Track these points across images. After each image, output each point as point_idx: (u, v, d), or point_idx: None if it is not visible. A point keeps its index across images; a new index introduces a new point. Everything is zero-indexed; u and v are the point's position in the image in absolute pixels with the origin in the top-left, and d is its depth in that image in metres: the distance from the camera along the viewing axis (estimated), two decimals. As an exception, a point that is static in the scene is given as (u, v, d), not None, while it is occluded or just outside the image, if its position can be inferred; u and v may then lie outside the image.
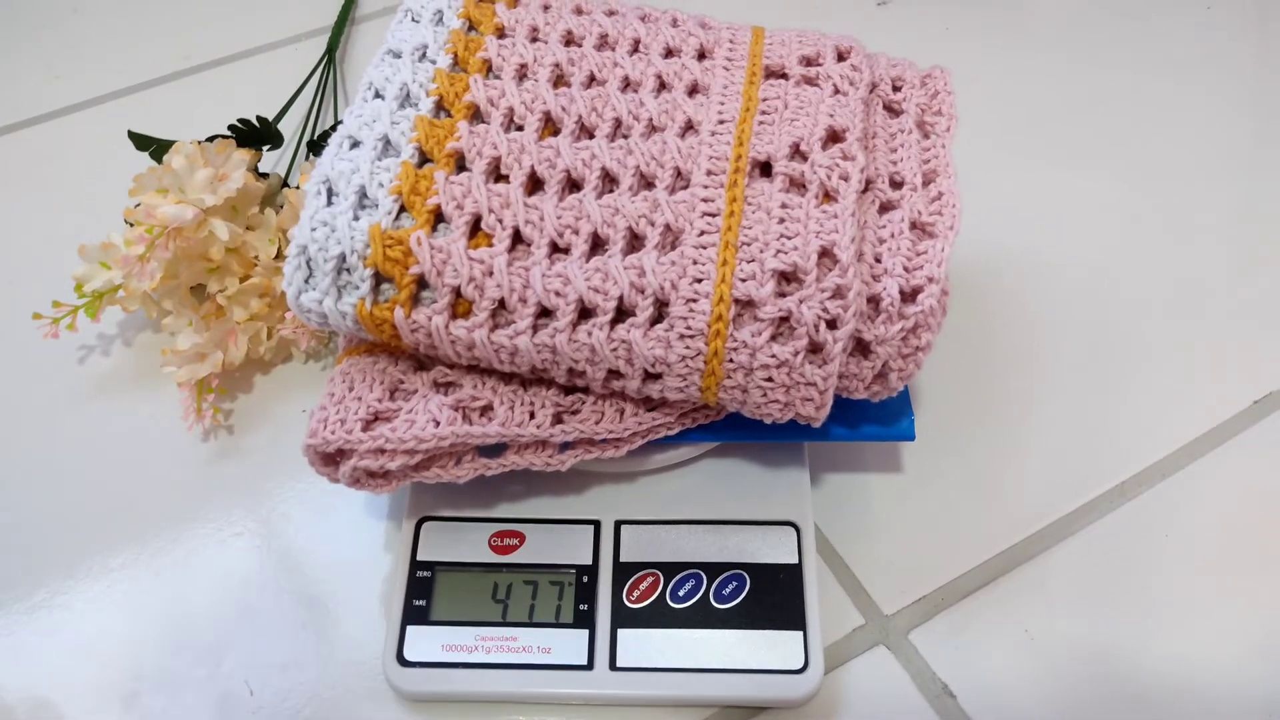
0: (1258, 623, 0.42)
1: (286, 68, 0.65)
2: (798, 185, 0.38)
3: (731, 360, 0.36)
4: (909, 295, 0.36)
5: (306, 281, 0.37)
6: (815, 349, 0.36)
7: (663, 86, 0.42)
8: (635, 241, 0.37)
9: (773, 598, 0.40)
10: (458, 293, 0.36)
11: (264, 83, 0.64)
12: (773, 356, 0.36)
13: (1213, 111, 0.62)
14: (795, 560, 0.41)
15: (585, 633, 0.40)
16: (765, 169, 0.39)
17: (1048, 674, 0.40)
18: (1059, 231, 0.56)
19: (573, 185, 0.39)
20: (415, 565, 0.41)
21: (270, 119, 0.55)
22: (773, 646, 0.39)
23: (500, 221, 0.37)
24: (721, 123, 0.40)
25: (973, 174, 0.40)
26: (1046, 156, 0.60)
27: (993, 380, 0.49)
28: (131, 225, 0.47)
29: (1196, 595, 0.42)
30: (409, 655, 0.39)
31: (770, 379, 0.36)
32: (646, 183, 0.39)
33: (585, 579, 0.41)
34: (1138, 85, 0.64)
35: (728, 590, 0.40)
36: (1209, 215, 0.57)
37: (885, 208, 0.39)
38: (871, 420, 0.41)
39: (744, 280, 0.36)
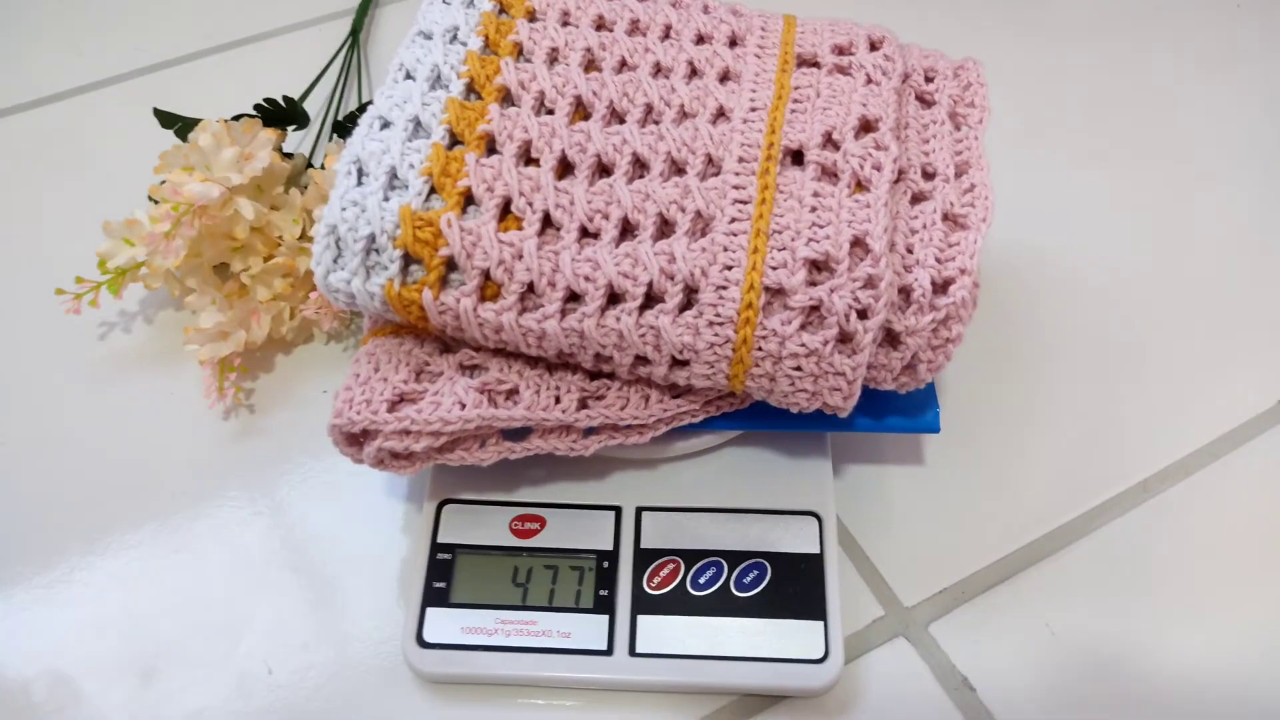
0: (1279, 621, 0.41)
1: (310, 49, 0.64)
2: (830, 174, 0.38)
3: (760, 348, 0.36)
4: (940, 286, 0.36)
5: (335, 261, 0.37)
6: (845, 339, 0.36)
7: (694, 73, 0.42)
8: (665, 228, 0.37)
9: (793, 587, 0.40)
10: (487, 275, 0.36)
11: (288, 64, 0.64)
12: (802, 345, 0.35)
13: (1241, 109, 0.62)
14: (817, 550, 0.41)
15: (605, 618, 0.39)
16: (797, 157, 0.39)
17: (1067, 669, 0.40)
18: (1083, 227, 0.56)
19: (603, 170, 0.39)
20: (436, 547, 0.41)
21: (295, 99, 0.55)
22: (793, 636, 0.39)
23: (530, 205, 0.37)
24: (753, 110, 0.40)
25: (997, 169, 0.40)
26: (1073, 153, 0.60)
27: (1015, 375, 0.49)
28: (156, 202, 0.47)
29: (1217, 593, 0.42)
30: (428, 637, 0.39)
31: (799, 368, 0.36)
32: (677, 169, 0.39)
33: (606, 564, 0.41)
34: (1163, 84, 0.63)
35: (749, 579, 0.40)
36: (1235, 212, 0.57)
37: (917, 198, 0.39)
38: (897, 412, 0.41)
39: (775, 268, 0.35)
